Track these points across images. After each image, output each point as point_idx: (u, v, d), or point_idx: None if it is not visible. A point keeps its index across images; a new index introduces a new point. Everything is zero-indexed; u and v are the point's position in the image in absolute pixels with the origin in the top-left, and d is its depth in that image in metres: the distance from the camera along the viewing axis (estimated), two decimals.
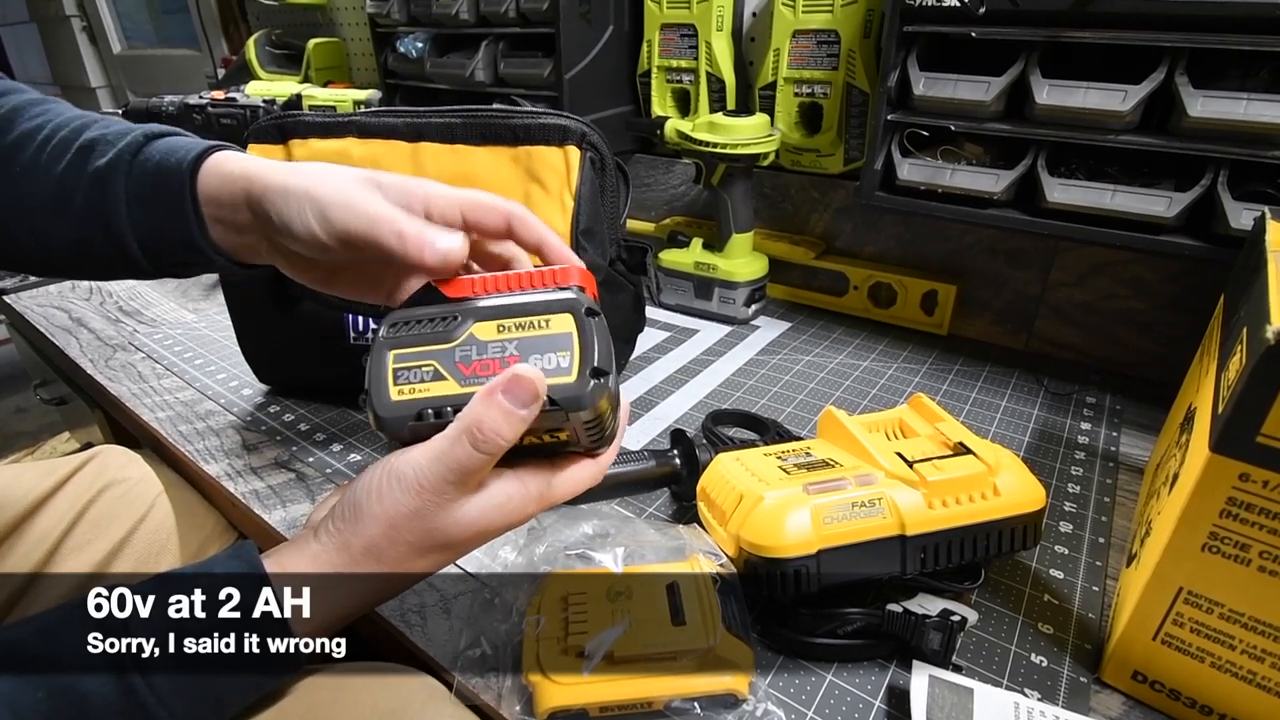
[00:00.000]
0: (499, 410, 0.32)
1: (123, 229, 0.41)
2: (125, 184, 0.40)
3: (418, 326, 0.35)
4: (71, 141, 0.41)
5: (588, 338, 0.34)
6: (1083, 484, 0.66)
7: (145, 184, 0.40)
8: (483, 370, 0.34)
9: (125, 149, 0.41)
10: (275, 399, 0.79)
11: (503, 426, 0.32)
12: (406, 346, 0.35)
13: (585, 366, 0.34)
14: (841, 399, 0.81)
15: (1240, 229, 0.63)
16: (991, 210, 0.77)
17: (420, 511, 0.33)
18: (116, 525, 0.61)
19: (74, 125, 0.42)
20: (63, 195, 0.41)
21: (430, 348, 0.35)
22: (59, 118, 0.43)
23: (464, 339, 0.35)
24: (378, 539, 0.34)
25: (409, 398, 0.34)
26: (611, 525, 0.53)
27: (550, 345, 0.34)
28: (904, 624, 0.46)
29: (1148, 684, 0.45)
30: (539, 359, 0.34)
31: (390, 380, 0.34)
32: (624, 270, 0.79)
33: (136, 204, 0.40)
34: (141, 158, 0.41)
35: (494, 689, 0.44)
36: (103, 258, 0.42)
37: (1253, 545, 0.37)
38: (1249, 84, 0.62)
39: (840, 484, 0.49)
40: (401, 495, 0.33)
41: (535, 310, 0.35)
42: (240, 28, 2.00)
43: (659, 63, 1.08)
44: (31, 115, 0.43)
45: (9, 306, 1.08)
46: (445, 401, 0.34)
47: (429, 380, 0.34)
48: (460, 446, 0.32)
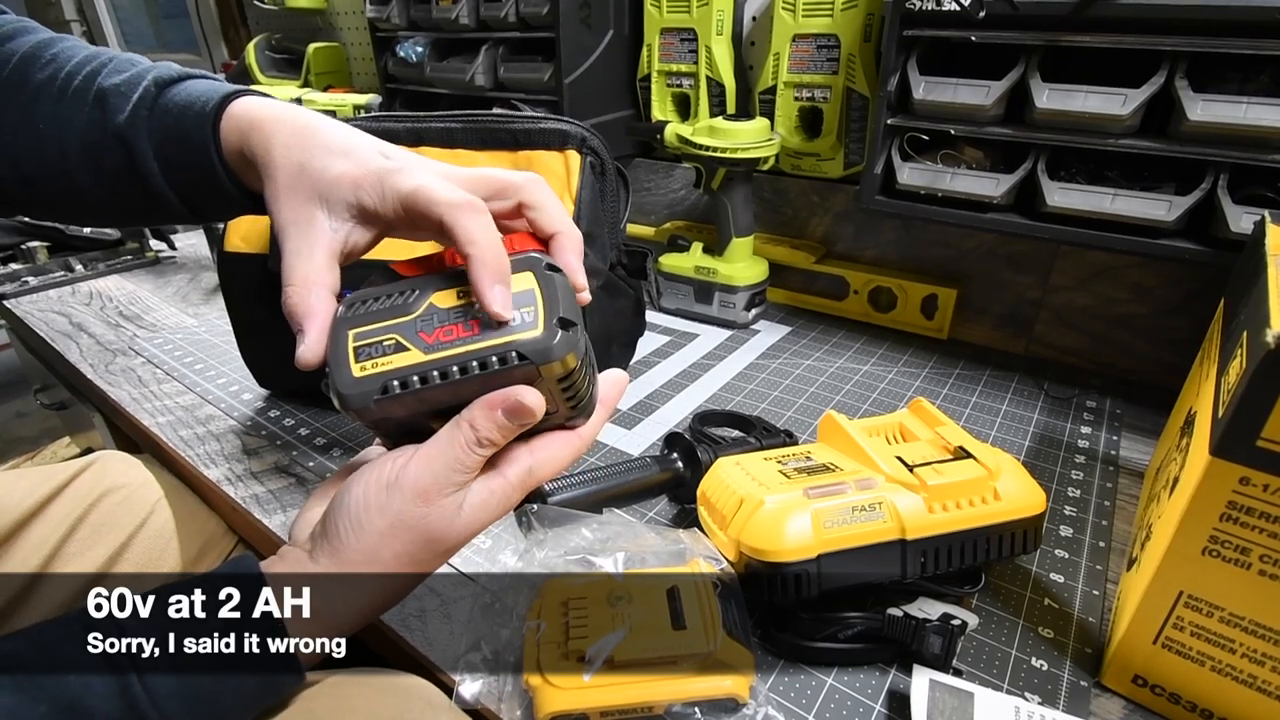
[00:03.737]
0: (496, 424, 0.33)
1: (159, 185, 0.42)
2: (149, 138, 0.41)
3: (375, 303, 0.35)
4: (87, 91, 0.42)
5: (550, 291, 0.34)
6: (1083, 488, 0.66)
7: (170, 133, 0.41)
8: (446, 336, 0.33)
9: (140, 103, 0.42)
10: (275, 403, 0.79)
11: (498, 436, 0.33)
12: (365, 324, 0.34)
13: (550, 318, 0.33)
14: (842, 403, 0.81)
15: (1240, 233, 0.63)
16: (991, 214, 0.77)
17: (424, 518, 0.33)
18: (116, 530, 0.61)
19: (85, 72, 0.43)
20: (90, 153, 0.42)
21: (390, 322, 0.34)
22: (69, 64, 0.43)
23: (424, 310, 0.34)
24: (380, 551, 0.34)
25: (372, 373, 0.33)
26: (612, 529, 0.53)
27: (513, 303, 0.33)
28: (904, 628, 0.46)
29: (1148, 688, 0.45)
30: None
31: (351, 359, 0.33)
32: (624, 275, 0.79)
33: (163, 161, 0.42)
34: (160, 107, 0.42)
35: (494, 693, 0.44)
36: (140, 209, 0.44)
37: (1253, 549, 0.37)
38: (1249, 88, 0.62)
39: (840, 488, 0.49)
40: (403, 505, 0.33)
41: None
42: (240, 32, 2.00)
43: (659, 67, 1.09)
44: (43, 64, 0.43)
45: (9, 311, 1.08)
46: (410, 371, 0.33)
47: (391, 353, 0.33)
48: (458, 448, 0.33)
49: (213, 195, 0.42)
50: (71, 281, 1.16)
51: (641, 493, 0.62)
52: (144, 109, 0.41)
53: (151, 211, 0.45)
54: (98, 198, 0.44)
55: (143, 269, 1.24)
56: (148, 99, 0.41)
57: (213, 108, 0.40)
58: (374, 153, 0.38)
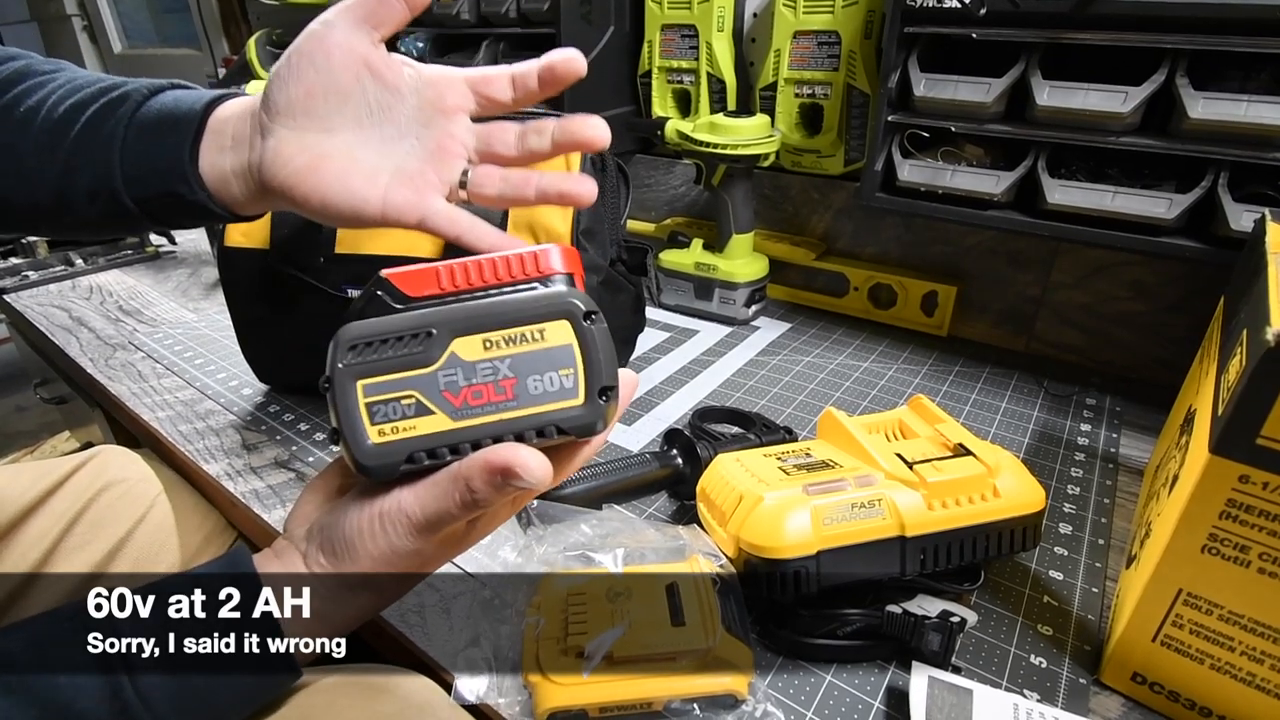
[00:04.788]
0: (492, 486, 0.30)
1: (112, 159, 0.39)
2: (133, 112, 0.40)
3: (384, 348, 0.30)
4: (84, 87, 0.41)
5: (591, 350, 0.30)
6: (1082, 485, 0.66)
7: (155, 112, 0.40)
8: (475, 399, 0.30)
9: (144, 86, 0.41)
10: (275, 398, 0.79)
11: (492, 497, 0.30)
12: (376, 375, 0.30)
13: (593, 387, 0.30)
14: (841, 400, 0.81)
15: (1240, 231, 0.63)
16: (992, 212, 0.77)
17: (418, 551, 0.33)
18: (115, 525, 0.61)
19: (89, 76, 0.42)
20: (59, 131, 0.39)
21: (407, 374, 0.30)
22: (75, 72, 0.42)
23: (445, 360, 0.30)
24: (377, 574, 0.33)
25: (393, 439, 0.30)
26: (611, 526, 0.53)
27: (549, 362, 0.30)
28: (903, 625, 0.46)
29: (1147, 685, 0.45)
30: (539, 380, 0.30)
31: (365, 418, 0.30)
32: (624, 271, 0.79)
33: (137, 129, 0.40)
34: (162, 95, 0.41)
35: (494, 689, 0.44)
36: (84, 192, 0.40)
37: (1252, 547, 0.37)
38: (1249, 86, 0.62)
39: (840, 485, 0.49)
40: (398, 540, 0.32)
41: (525, 318, 0.30)
42: (241, 27, 2.00)
43: (660, 63, 1.09)
44: (43, 71, 0.42)
45: (9, 305, 1.08)
46: (439, 441, 0.30)
47: (413, 416, 0.30)
48: (451, 503, 0.30)
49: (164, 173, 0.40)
50: (71, 276, 1.16)
51: (641, 489, 0.63)
52: (140, 95, 0.40)
53: (96, 198, 0.42)
54: (48, 188, 0.41)
55: (143, 264, 1.24)
56: (151, 88, 0.41)
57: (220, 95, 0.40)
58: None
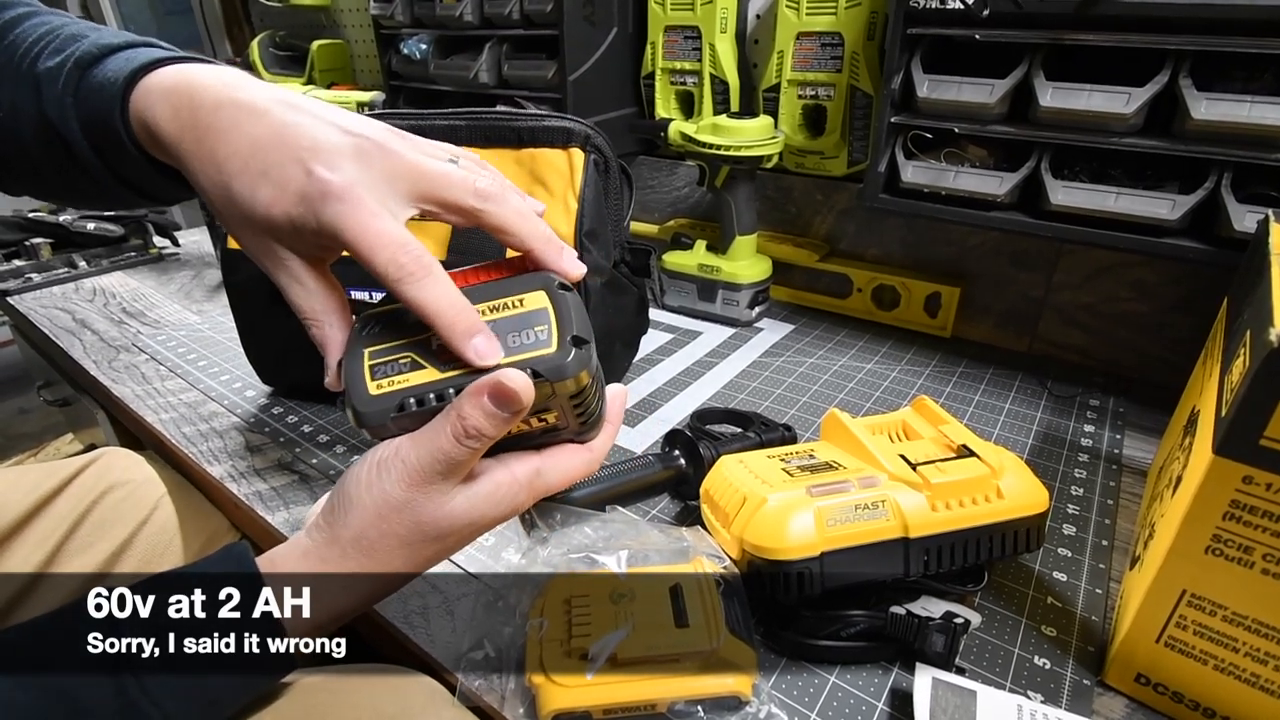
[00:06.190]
0: (483, 412, 0.32)
1: (101, 174, 0.39)
2: (79, 126, 0.38)
3: (391, 321, 0.35)
4: (30, 75, 0.38)
5: (563, 309, 0.34)
6: (1086, 486, 0.66)
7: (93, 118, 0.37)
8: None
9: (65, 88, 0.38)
10: (278, 400, 0.80)
11: (486, 426, 0.32)
12: (381, 342, 0.35)
13: (564, 335, 0.33)
14: (845, 401, 0.81)
15: (1244, 231, 0.63)
16: (995, 213, 0.77)
17: (409, 503, 0.33)
18: (119, 527, 0.61)
19: (33, 54, 0.39)
20: (39, 140, 0.39)
21: (406, 340, 0.34)
22: (25, 43, 0.40)
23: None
24: (367, 530, 0.33)
25: (388, 390, 0.33)
26: (615, 527, 0.53)
27: (527, 322, 0.34)
28: (907, 626, 0.46)
29: (1151, 687, 0.45)
30: (517, 336, 0.34)
31: (367, 376, 0.34)
32: (628, 272, 0.79)
33: (96, 150, 0.38)
34: (83, 90, 0.38)
35: (497, 691, 0.44)
36: (103, 195, 0.40)
37: (1256, 548, 0.37)
38: (1253, 86, 0.62)
39: (843, 486, 0.49)
40: (389, 486, 0.33)
41: (508, 292, 0.35)
42: (244, 29, 2.00)
43: (663, 65, 1.09)
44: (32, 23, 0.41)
45: (12, 308, 1.09)
46: (427, 389, 0.33)
47: (407, 370, 0.34)
48: (445, 438, 0.32)
49: (157, 185, 0.40)
50: (75, 278, 1.17)
51: (644, 490, 0.63)
52: (69, 95, 0.38)
53: (115, 199, 0.42)
54: (60, 184, 0.41)
55: (146, 265, 1.24)
56: (71, 83, 0.38)
57: (118, 93, 0.36)
58: (294, 160, 0.33)
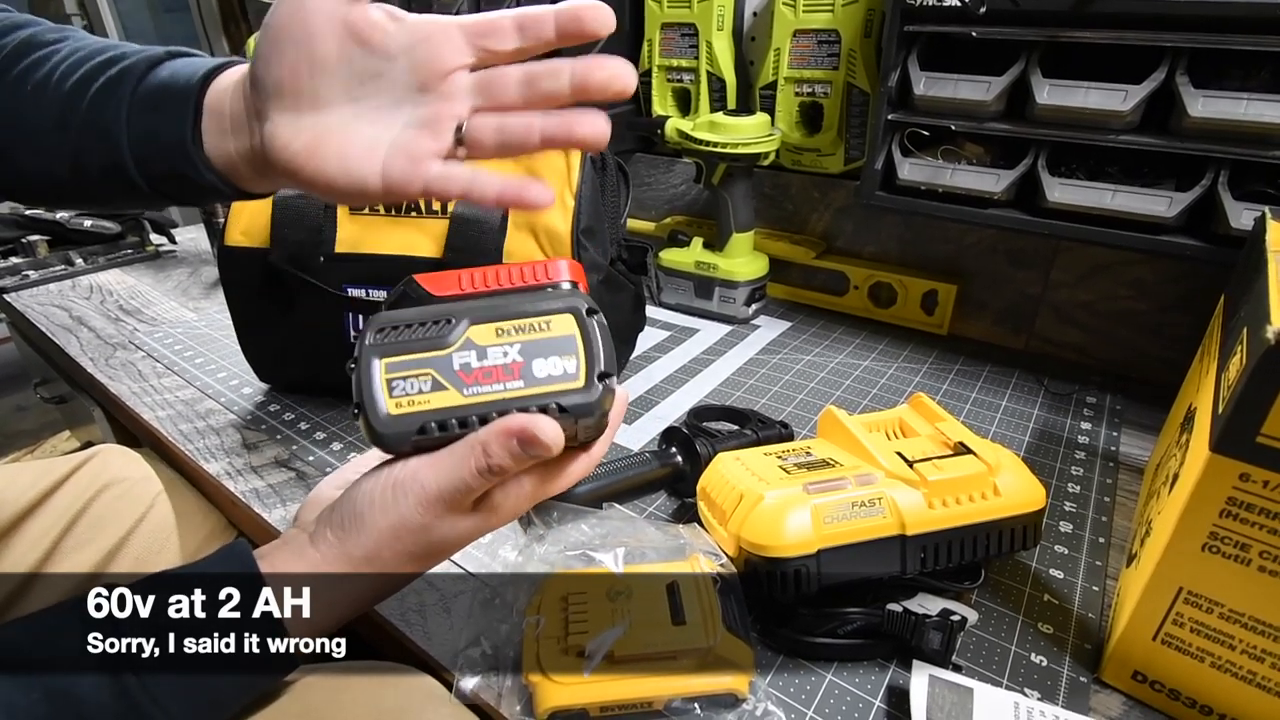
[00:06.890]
0: (509, 453, 0.32)
1: (119, 133, 0.39)
2: (132, 90, 0.39)
3: (407, 331, 0.34)
4: (86, 60, 0.40)
5: (591, 340, 0.34)
6: (1083, 484, 0.66)
7: (152, 89, 0.39)
8: (485, 379, 0.33)
9: (142, 60, 0.39)
10: (275, 397, 0.79)
11: (510, 465, 0.32)
12: (397, 354, 0.33)
13: (592, 372, 0.33)
14: (842, 398, 0.81)
15: (1241, 229, 0.63)
16: (992, 210, 0.77)
17: (426, 527, 0.33)
18: (116, 524, 0.61)
19: (92, 46, 0.41)
20: (68, 107, 0.39)
21: (425, 354, 0.33)
22: (79, 41, 0.42)
23: (461, 343, 0.34)
24: (381, 550, 0.34)
25: (408, 411, 0.33)
26: (612, 525, 0.53)
27: (553, 349, 0.33)
28: (904, 624, 0.46)
29: (1148, 684, 0.45)
30: (544, 363, 0.33)
31: (385, 392, 0.33)
32: (624, 269, 0.79)
33: (139, 109, 0.39)
34: (159, 69, 0.39)
35: (494, 689, 0.44)
36: (97, 170, 0.40)
37: (1253, 545, 0.37)
38: (1250, 84, 0.62)
39: (840, 484, 0.49)
40: (406, 510, 0.33)
41: (534, 311, 0.34)
42: (241, 27, 2.00)
43: (659, 62, 1.08)
44: (48, 41, 0.41)
45: (9, 305, 1.08)
46: (449, 414, 0.33)
47: (428, 391, 0.33)
48: (468, 471, 0.32)
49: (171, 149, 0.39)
50: (71, 275, 1.16)
51: (641, 488, 0.62)
52: (144, 64, 0.39)
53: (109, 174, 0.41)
54: (60, 160, 0.41)
55: (143, 263, 1.24)
56: (153, 59, 0.39)
57: (219, 64, 0.39)
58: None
